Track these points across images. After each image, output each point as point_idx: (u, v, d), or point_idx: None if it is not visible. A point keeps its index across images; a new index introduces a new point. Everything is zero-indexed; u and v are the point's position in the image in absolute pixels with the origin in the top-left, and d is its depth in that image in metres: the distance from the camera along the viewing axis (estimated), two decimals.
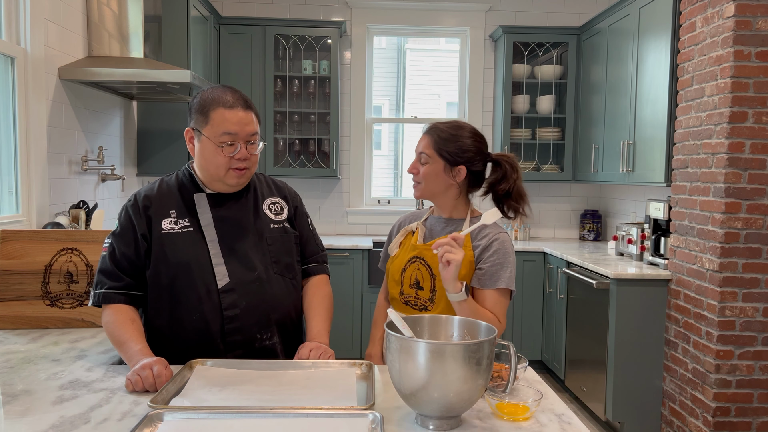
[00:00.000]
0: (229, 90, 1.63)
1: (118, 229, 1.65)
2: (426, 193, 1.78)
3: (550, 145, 4.80)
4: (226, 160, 1.59)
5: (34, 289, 1.93)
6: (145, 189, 1.71)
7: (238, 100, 1.61)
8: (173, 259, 1.61)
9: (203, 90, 1.65)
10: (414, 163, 1.77)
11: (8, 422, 1.21)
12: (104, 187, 3.21)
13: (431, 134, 1.75)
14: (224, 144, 1.58)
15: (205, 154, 1.61)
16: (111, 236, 1.65)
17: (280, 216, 1.74)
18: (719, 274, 2.88)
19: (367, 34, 4.90)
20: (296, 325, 1.76)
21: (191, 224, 1.64)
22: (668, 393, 3.29)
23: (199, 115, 1.60)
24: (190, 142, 1.65)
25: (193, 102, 1.64)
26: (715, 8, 2.92)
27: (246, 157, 1.61)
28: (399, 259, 1.81)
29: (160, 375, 1.38)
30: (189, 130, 1.64)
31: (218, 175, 1.62)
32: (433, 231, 1.82)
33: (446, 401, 1.16)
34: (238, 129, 1.58)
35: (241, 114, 1.59)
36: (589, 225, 4.85)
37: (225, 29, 4.43)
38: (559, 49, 4.75)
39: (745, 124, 2.83)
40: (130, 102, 3.57)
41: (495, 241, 1.72)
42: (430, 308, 1.74)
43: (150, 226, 1.63)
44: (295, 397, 1.31)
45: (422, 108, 5.15)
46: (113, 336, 1.56)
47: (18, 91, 2.49)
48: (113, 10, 3.05)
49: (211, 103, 1.59)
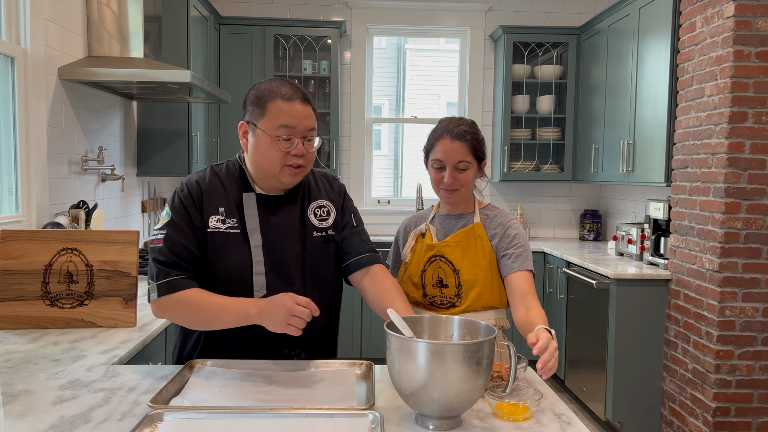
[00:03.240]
0: (287, 82, 1.54)
1: (172, 219, 1.53)
2: (462, 198, 1.76)
3: (550, 145, 4.80)
4: (281, 156, 1.50)
5: (34, 289, 1.93)
6: (196, 177, 1.60)
7: (297, 92, 1.52)
8: (215, 261, 1.53)
9: (259, 82, 1.56)
10: (451, 173, 1.70)
11: (8, 422, 1.21)
12: (104, 187, 3.21)
13: (464, 140, 1.69)
14: (281, 138, 1.49)
15: (260, 149, 1.52)
16: (166, 227, 1.53)
17: (324, 222, 1.64)
18: (719, 274, 2.88)
19: (367, 34, 4.90)
20: (324, 339, 1.68)
21: (238, 225, 1.54)
22: (668, 393, 3.29)
23: (255, 107, 1.51)
24: (244, 137, 1.56)
25: (248, 94, 1.55)
26: (715, 8, 2.92)
27: (303, 153, 1.52)
28: (415, 263, 1.80)
29: (302, 302, 1.35)
30: (243, 123, 1.55)
31: (272, 171, 1.52)
32: (446, 228, 1.81)
33: (446, 401, 1.16)
34: (295, 122, 1.50)
35: (299, 107, 1.50)
36: (589, 225, 4.85)
37: (225, 29, 4.43)
38: (559, 49, 4.75)
39: (745, 124, 2.83)
40: (130, 102, 3.57)
41: (510, 227, 1.74)
42: (458, 304, 1.73)
43: (202, 219, 1.54)
44: (295, 397, 1.31)
45: (422, 108, 5.15)
46: (205, 308, 1.46)
47: (18, 91, 2.48)
48: (113, 10, 3.05)
49: (269, 94, 1.50)
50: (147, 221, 3.83)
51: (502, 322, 1.77)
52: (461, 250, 1.74)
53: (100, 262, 1.97)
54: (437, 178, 1.74)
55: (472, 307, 1.72)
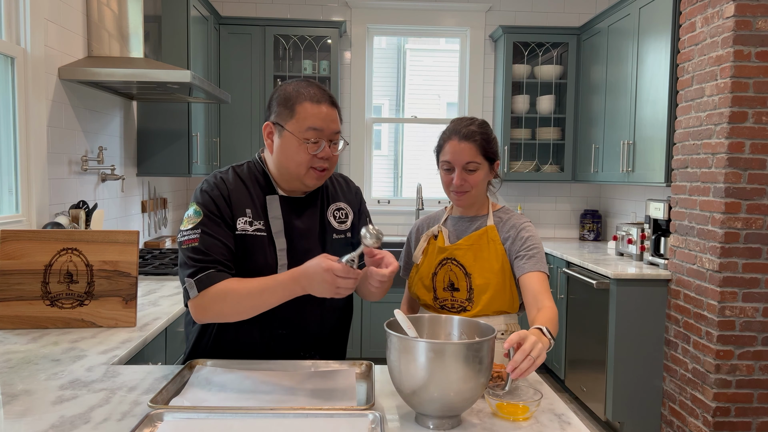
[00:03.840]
0: (314, 84, 1.52)
1: (206, 217, 1.49)
2: (473, 199, 1.74)
3: (550, 145, 4.80)
4: (308, 158, 1.48)
5: (34, 289, 1.93)
6: (221, 176, 1.57)
7: (324, 94, 1.51)
8: (241, 263, 1.50)
9: (285, 83, 1.54)
10: (460, 175, 1.68)
11: (8, 422, 1.21)
12: (104, 187, 3.21)
13: (472, 141, 1.66)
14: (309, 140, 1.47)
15: (287, 151, 1.50)
16: (200, 225, 1.48)
17: (343, 225, 1.64)
18: (719, 274, 2.88)
19: (367, 34, 4.90)
20: (338, 339, 1.69)
21: (264, 228, 1.53)
22: (668, 393, 3.29)
23: (282, 109, 1.49)
24: (269, 138, 1.54)
25: (274, 95, 1.53)
26: (715, 8, 2.92)
27: (329, 156, 1.51)
28: (426, 265, 1.78)
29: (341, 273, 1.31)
30: (269, 124, 1.53)
31: (298, 173, 1.50)
32: (459, 231, 1.79)
33: (447, 400, 1.16)
34: (324, 125, 1.48)
35: (327, 110, 1.50)
36: (589, 225, 4.85)
37: (225, 29, 4.43)
38: (559, 49, 4.75)
39: (745, 124, 2.83)
40: (130, 102, 3.57)
41: (523, 230, 1.72)
42: (469, 308, 1.71)
43: (232, 219, 1.51)
44: (295, 397, 1.31)
45: (422, 108, 5.15)
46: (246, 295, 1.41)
47: (18, 91, 2.48)
48: (113, 10, 3.05)
49: (297, 96, 1.49)
50: (147, 221, 3.83)
51: (513, 327, 1.75)
52: (473, 253, 1.72)
53: (100, 262, 1.97)
54: (447, 179, 1.72)
55: (483, 312, 1.70)
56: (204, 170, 4.00)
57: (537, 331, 1.37)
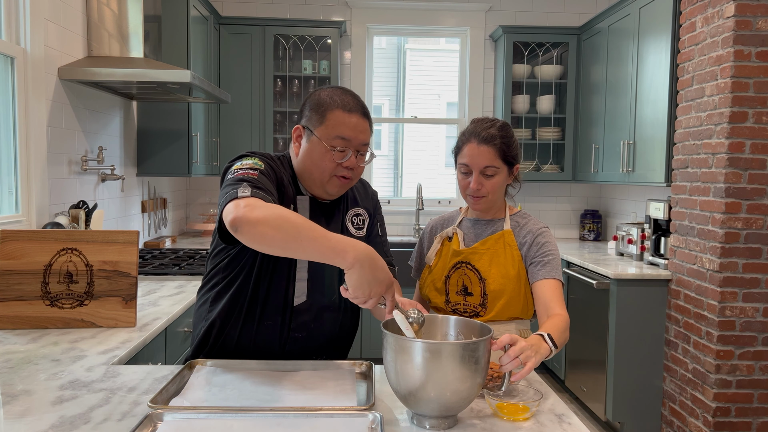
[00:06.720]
0: (349, 93, 1.52)
1: (264, 167, 1.43)
2: (490, 204, 1.70)
3: (550, 145, 4.80)
4: (333, 166, 1.48)
5: (33, 289, 1.93)
6: (272, 155, 1.56)
7: (358, 105, 1.50)
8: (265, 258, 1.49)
9: (321, 88, 1.55)
10: (477, 179, 1.64)
11: (8, 422, 1.21)
12: (104, 187, 3.21)
13: (492, 144, 1.63)
14: (336, 148, 1.47)
15: (313, 156, 1.49)
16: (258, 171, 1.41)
17: (360, 231, 1.64)
18: (719, 274, 2.88)
19: (367, 34, 4.90)
20: (346, 340, 1.69)
21: None
22: (668, 393, 3.29)
23: (314, 114, 1.50)
24: (297, 141, 1.54)
25: (308, 100, 1.54)
26: (715, 8, 2.92)
27: (354, 167, 1.50)
28: (440, 267, 1.75)
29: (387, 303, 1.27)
30: (299, 127, 1.53)
31: (321, 179, 1.50)
32: (476, 234, 1.75)
33: (444, 400, 1.15)
34: (353, 135, 1.48)
35: (358, 120, 1.49)
36: (589, 225, 4.85)
37: (225, 29, 4.43)
38: (559, 49, 4.75)
39: (745, 124, 2.83)
40: (130, 102, 3.57)
41: (540, 235, 1.69)
42: (482, 314, 1.68)
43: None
44: (295, 397, 1.31)
45: (422, 108, 5.15)
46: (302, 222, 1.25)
47: (18, 91, 2.48)
48: (113, 10, 3.05)
49: (330, 103, 1.48)
50: (147, 221, 3.83)
51: (525, 333, 1.73)
52: (489, 257, 1.69)
53: (100, 262, 1.97)
54: (464, 183, 1.69)
55: (496, 318, 1.67)
56: (204, 170, 4.00)
57: (538, 337, 1.36)
